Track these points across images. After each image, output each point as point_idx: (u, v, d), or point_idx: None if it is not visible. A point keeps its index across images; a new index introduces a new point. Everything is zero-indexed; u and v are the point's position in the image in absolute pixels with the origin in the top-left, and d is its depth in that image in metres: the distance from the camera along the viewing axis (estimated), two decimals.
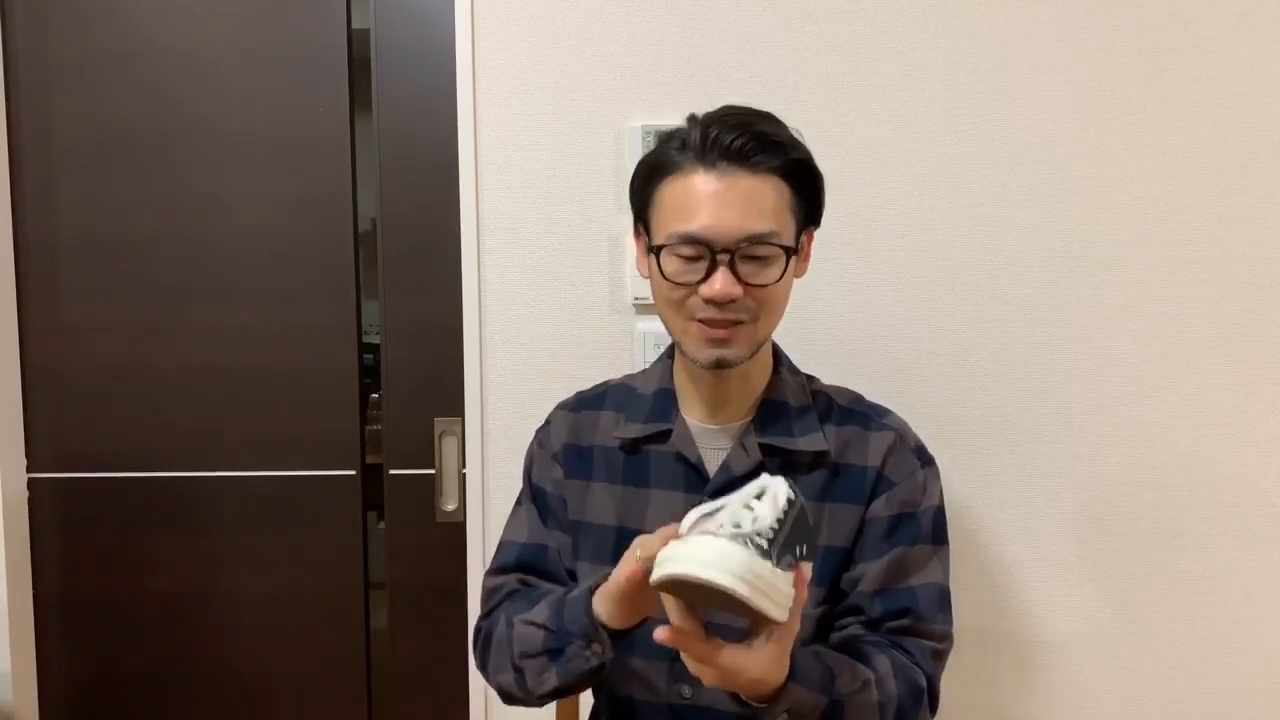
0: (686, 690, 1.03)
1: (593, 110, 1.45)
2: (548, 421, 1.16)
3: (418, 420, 1.60)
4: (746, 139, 0.95)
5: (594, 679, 0.96)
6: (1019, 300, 1.47)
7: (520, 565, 1.09)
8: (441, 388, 1.58)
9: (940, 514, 1.07)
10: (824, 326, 1.05)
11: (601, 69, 1.45)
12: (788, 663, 0.84)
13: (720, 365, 0.99)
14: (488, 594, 1.10)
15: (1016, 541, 1.50)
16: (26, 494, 1.63)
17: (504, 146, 1.46)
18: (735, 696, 0.85)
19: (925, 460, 1.08)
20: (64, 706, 1.67)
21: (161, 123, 1.59)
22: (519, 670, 0.98)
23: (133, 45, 1.58)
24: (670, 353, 1.11)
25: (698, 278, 0.96)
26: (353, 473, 1.63)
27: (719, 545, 0.74)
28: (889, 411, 1.10)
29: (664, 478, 1.06)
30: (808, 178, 1.00)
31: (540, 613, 0.97)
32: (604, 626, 0.90)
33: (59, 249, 1.61)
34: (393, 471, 1.62)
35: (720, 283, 0.94)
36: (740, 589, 0.72)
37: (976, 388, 1.48)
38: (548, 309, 1.48)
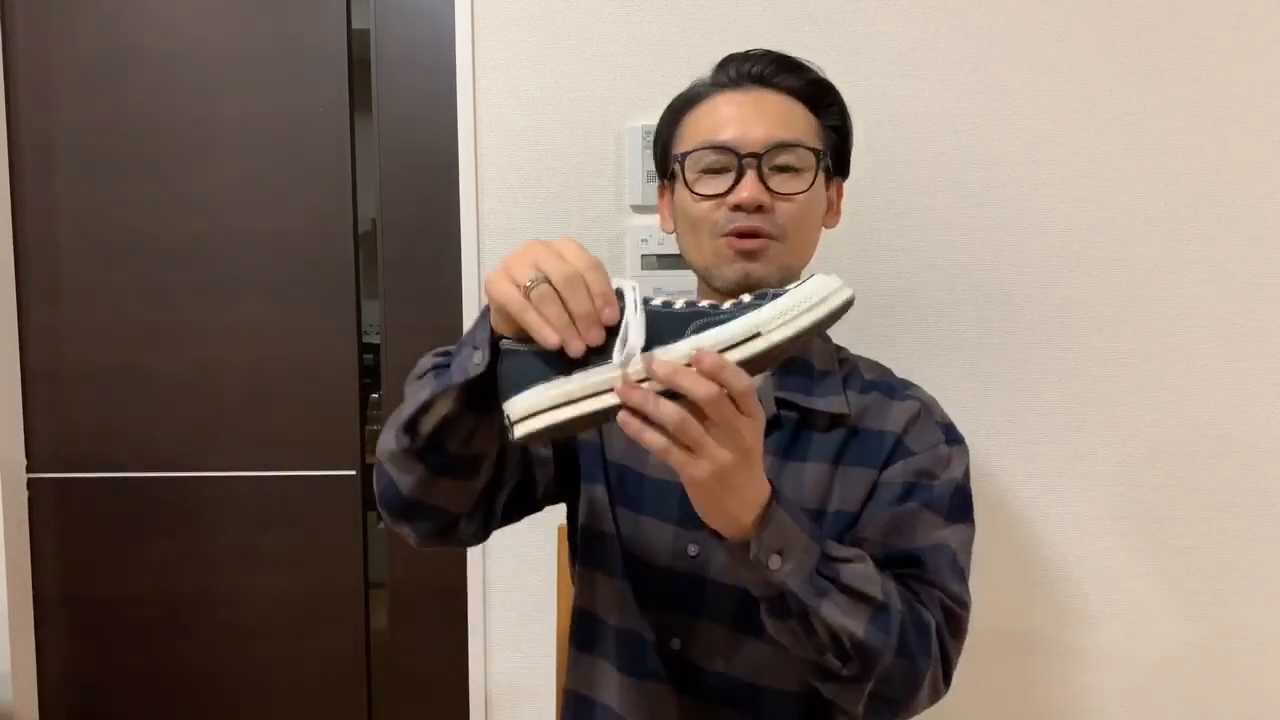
0: (675, 642, 0.97)
1: (593, 110, 1.45)
2: None
3: None
4: (767, 62, 0.97)
5: (467, 411, 0.80)
6: (1019, 300, 1.47)
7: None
8: None
9: (961, 491, 0.97)
10: None
11: (601, 69, 1.45)
12: (763, 476, 0.77)
13: (747, 284, 0.93)
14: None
15: (1016, 541, 1.50)
16: (26, 494, 1.63)
17: (504, 146, 1.46)
18: (721, 540, 0.79)
19: (953, 438, 1.00)
20: (64, 706, 1.67)
21: (161, 123, 1.59)
22: (399, 413, 0.85)
23: (133, 45, 1.58)
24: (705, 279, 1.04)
25: (725, 187, 0.94)
26: (353, 473, 1.63)
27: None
28: (916, 385, 1.05)
29: None
30: (832, 104, 1.00)
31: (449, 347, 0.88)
32: (500, 333, 0.76)
33: (59, 249, 1.61)
34: None
35: (749, 188, 0.93)
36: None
37: (976, 388, 1.48)
38: None
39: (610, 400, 0.71)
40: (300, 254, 1.60)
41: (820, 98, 0.99)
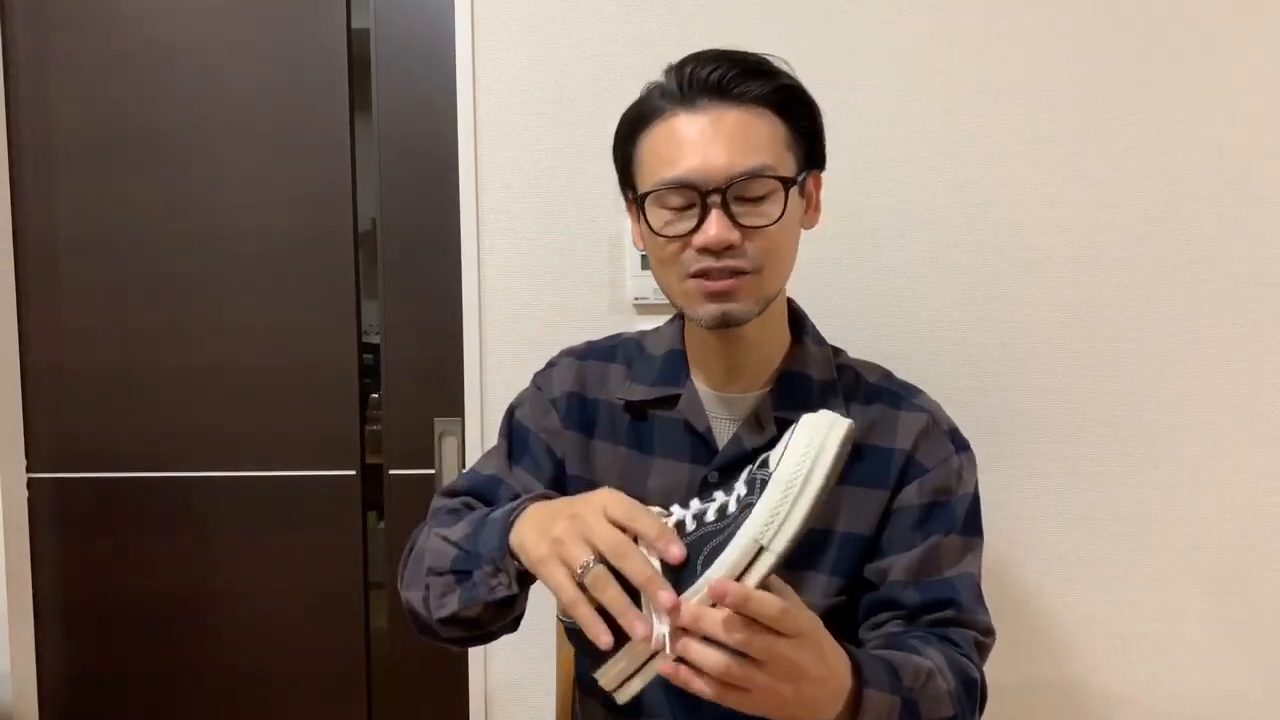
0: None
1: (592, 110, 1.45)
2: (550, 364, 1.07)
3: (418, 420, 1.60)
4: (726, 68, 0.88)
5: (500, 615, 0.87)
6: (1019, 300, 1.47)
7: (471, 491, 1.01)
8: (441, 388, 1.58)
9: (975, 504, 0.98)
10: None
11: (601, 69, 1.45)
12: (843, 654, 0.75)
13: (725, 323, 0.90)
14: (431, 513, 1.01)
15: (1017, 541, 1.50)
16: (26, 494, 1.63)
17: (504, 146, 1.46)
18: None
19: (960, 445, 0.99)
20: (64, 706, 1.67)
21: (161, 123, 1.59)
22: (427, 587, 0.89)
23: (133, 45, 1.58)
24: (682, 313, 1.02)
25: (690, 227, 0.88)
26: (353, 473, 1.63)
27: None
28: (920, 391, 1.02)
29: (668, 446, 0.98)
30: (801, 107, 0.91)
31: (459, 530, 0.89)
32: (517, 559, 0.80)
33: (59, 249, 1.61)
34: (393, 471, 1.62)
35: (715, 228, 0.86)
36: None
37: (976, 388, 1.48)
38: (548, 309, 1.48)
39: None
40: (300, 254, 1.60)
41: (788, 103, 0.91)
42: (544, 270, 1.48)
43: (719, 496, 0.73)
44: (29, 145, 1.59)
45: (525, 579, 0.82)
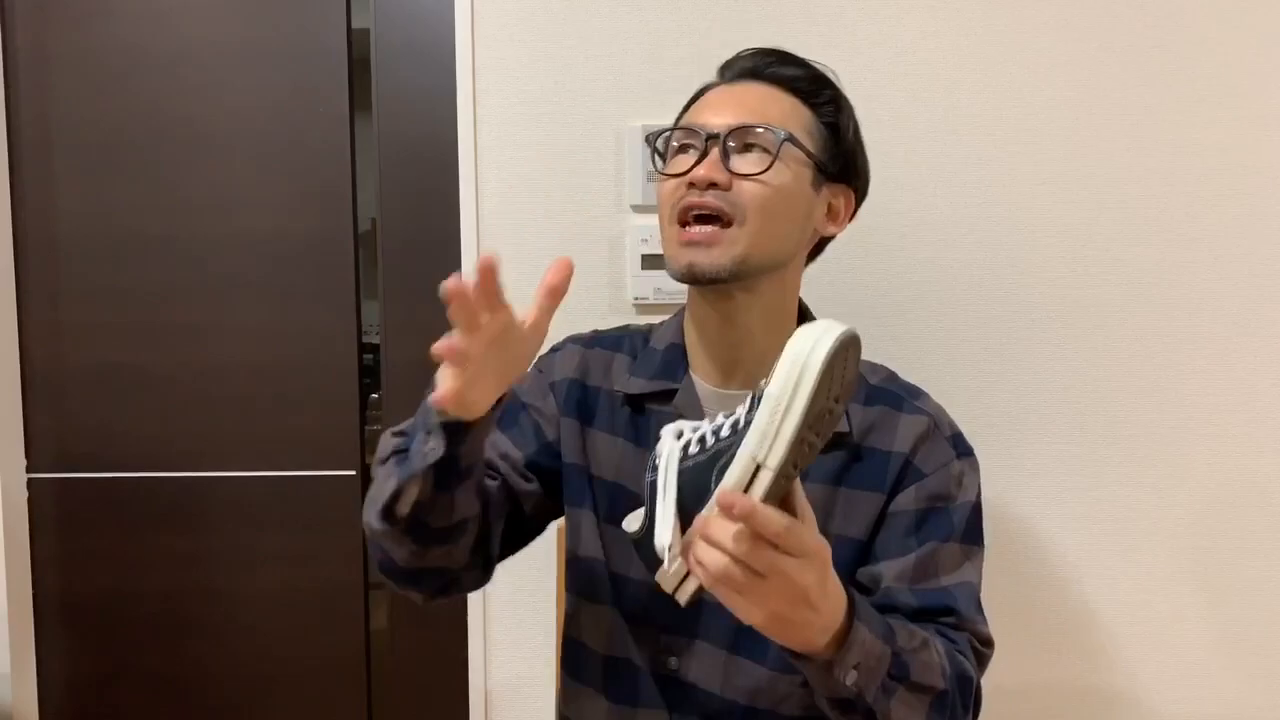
0: (673, 661, 0.95)
1: (593, 110, 1.45)
2: (554, 349, 1.07)
3: None
4: (766, 55, 0.98)
5: (440, 503, 0.83)
6: (1019, 300, 1.47)
7: None
8: None
9: (976, 511, 0.96)
10: None
11: (601, 69, 1.45)
12: (843, 593, 0.76)
13: (693, 275, 0.91)
14: None
15: (1017, 541, 1.50)
16: (26, 494, 1.63)
17: (504, 146, 1.46)
18: (784, 659, 0.78)
19: (962, 450, 0.97)
20: (64, 706, 1.67)
21: (161, 123, 1.59)
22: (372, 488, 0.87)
23: (133, 45, 1.58)
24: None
25: (688, 165, 0.92)
26: (353, 473, 1.63)
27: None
28: (924, 393, 1.01)
29: None
30: (828, 102, 0.97)
31: (406, 423, 0.88)
32: (446, 414, 0.78)
33: (59, 249, 1.61)
34: None
35: (705, 165, 0.91)
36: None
37: (976, 387, 1.48)
38: None
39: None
40: (300, 254, 1.60)
41: (813, 92, 0.97)
42: (544, 270, 1.47)
43: (739, 410, 0.74)
44: (29, 145, 1.59)
45: (454, 436, 0.79)
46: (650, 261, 1.44)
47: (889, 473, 0.94)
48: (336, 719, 1.66)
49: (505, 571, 1.49)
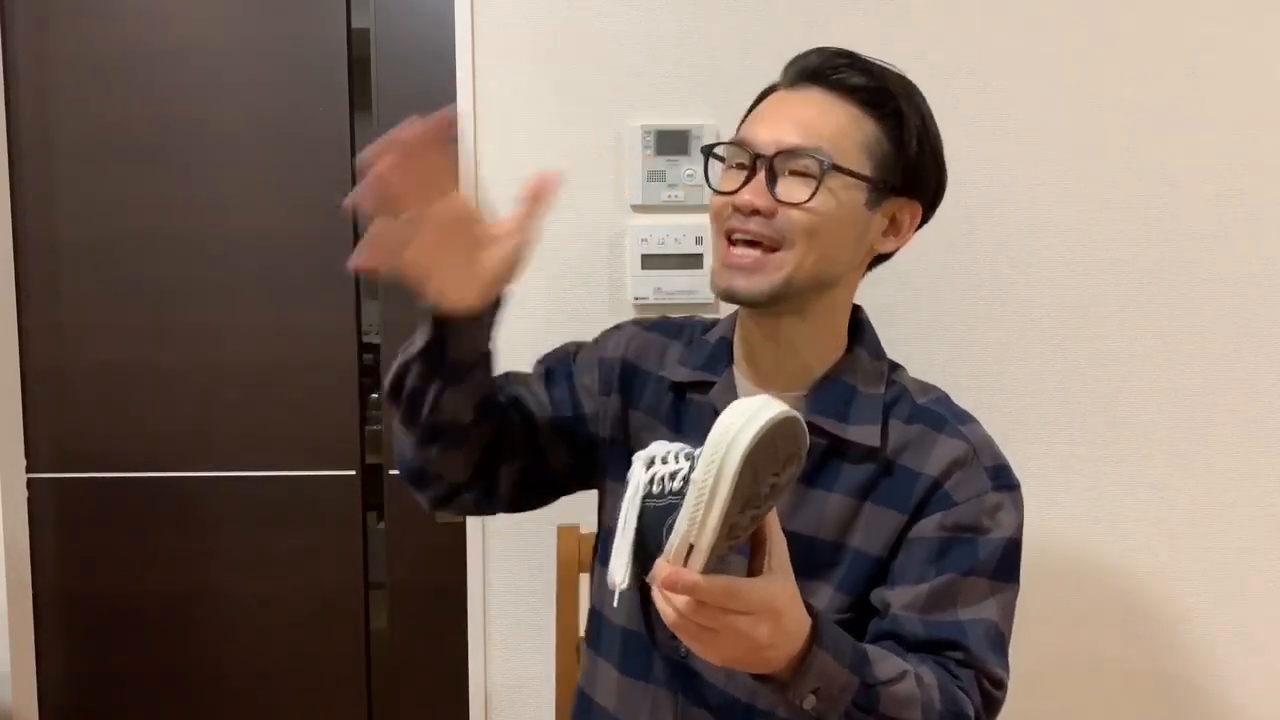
0: (683, 649, 0.92)
1: (593, 110, 1.45)
2: (616, 327, 1.08)
3: None
4: (833, 59, 0.91)
5: (425, 383, 0.86)
6: (1019, 300, 1.47)
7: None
8: None
9: (1012, 548, 0.90)
10: None
11: (601, 69, 1.45)
12: (805, 615, 0.75)
13: (731, 296, 0.90)
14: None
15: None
16: (26, 494, 1.63)
17: (504, 146, 1.46)
18: (751, 682, 0.78)
19: (1003, 484, 0.93)
20: (64, 706, 1.67)
21: (162, 123, 1.59)
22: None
23: (132, 45, 1.58)
24: None
25: (736, 185, 0.90)
26: (353, 473, 1.63)
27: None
28: (973, 420, 0.97)
29: (697, 430, 0.94)
30: (894, 115, 0.92)
31: None
32: (436, 309, 0.82)
33: (59, 249, 1.61)
34: (393, 471, 1.61)
35: (749, 191, 0.88)
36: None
37: (976, 387, 1.47)
38: (548, 309, 1.48)
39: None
40: (300, 254, 1.60)
41: (881, 103, 0.91)
42: (543, 270, 1.47)
43: (691, 461, 0.73)
44: (29, 145, 1.59)
45: (437, 328, 0.84)
46: (650, 261, 1.44)
47: (914, 494, 0.91)
48: (336, 719, 1.67)
49: (505, 571, 1.51)
